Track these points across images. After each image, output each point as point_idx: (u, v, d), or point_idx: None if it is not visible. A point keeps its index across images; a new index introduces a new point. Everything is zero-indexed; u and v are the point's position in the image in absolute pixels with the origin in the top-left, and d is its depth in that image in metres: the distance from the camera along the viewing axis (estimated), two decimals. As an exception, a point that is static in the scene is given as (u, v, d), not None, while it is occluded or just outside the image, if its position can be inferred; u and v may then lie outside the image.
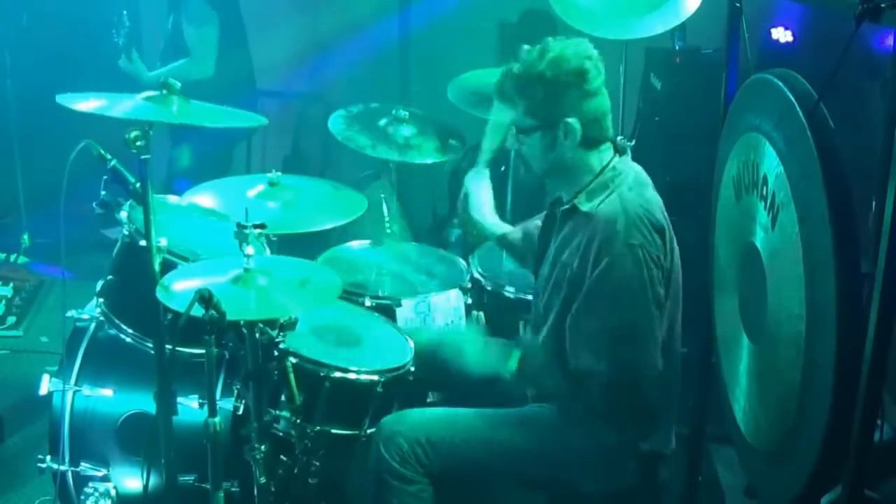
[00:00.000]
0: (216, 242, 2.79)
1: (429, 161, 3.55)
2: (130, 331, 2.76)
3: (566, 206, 2.48)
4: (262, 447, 2.46)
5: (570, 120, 2.38)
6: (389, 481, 2.43)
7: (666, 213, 2.45)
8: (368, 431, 2.65)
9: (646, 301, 2.32)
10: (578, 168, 2.45)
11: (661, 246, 2.37)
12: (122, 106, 2.42)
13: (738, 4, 2.67)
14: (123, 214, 2.73)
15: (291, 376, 2.53)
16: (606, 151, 2.46)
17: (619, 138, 2.57)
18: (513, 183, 3.97)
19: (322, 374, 2.62)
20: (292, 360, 2.57)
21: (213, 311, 2.08)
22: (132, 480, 2.77)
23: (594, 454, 2.42)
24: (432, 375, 2.80)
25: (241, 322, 2.39)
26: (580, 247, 2.38)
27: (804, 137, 2.00)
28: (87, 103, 2.42)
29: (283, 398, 2.59)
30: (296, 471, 2.65)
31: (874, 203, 2.19)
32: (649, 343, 2.34)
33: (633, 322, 2.32)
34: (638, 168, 2.51)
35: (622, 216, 2.35)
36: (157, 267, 2.44)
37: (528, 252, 2.83)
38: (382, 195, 3.53)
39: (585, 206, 2.41)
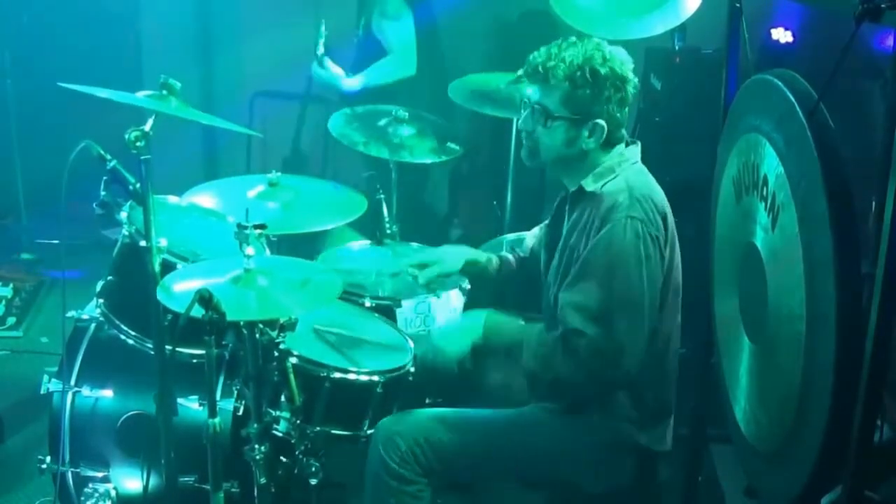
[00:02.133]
0: (216, 243, 2.79)
1: (422, 161, 3.54)
2: (131, 331, 2.75)
3: (573, 191, 2.49)
4: (262, 448, 2.46)
5: (599, 121, 2.40)
6: (388, 481, 2.44)
7: (667, 202, 2.46)
8: (368, 432, 2.65)
9: (640, 276, 2.32)
10: (588, 164, 2.46)
11: (661, 229, 2.38)
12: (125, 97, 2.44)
13: (738, 5, 2.68)
14: (123, 215, 2.73)
15: (291, 377, 2.52)
16: (617, 152, 2.47)
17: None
18: (513, 183, 3.97)
19: (322, 375, 2.62)
20: (292, 360, 2.57)
21: (212, 312, 2.08)
22: (132, 481, 2.77)
23: (591, 453, 2.42)
24: (431, 380, 2.80)
25: (242, 322, 2.39)
26: (586, 226, 2.40)
27: (804, 138, 2.00)
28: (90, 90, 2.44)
29: (283, 399, 2.59)
30: (296, 471, 2.65)
31: (874, 203, 2.19)
32: (638, 319, 2.33)
33: (625, 293, 2.32)
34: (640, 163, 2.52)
35: (626, 192, 2.38)
36: (157, 267, 2.44)
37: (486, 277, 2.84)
38: (382, 195, 3.53)
39: (591, 187, 2.43)
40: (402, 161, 3.55)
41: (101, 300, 2.82)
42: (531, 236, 2.91)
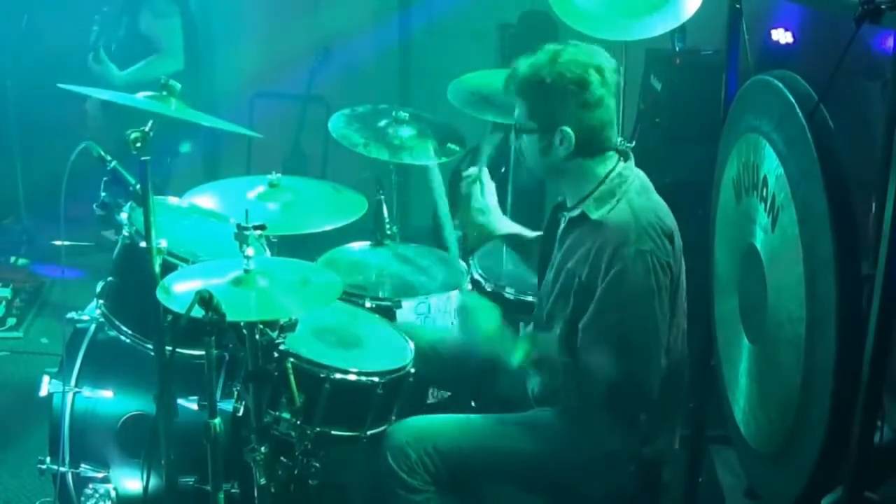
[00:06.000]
0: (216, 244, 2.79)
1: (422, 163, 3.54)
2: (130, 332, 2.75)
3: (573, 215, 2.47)
4: (263, 448, 2.46)
5: (565, 128, 2.37)
6: (396, 491, 2.43)
7: (673, 217, 2.45)
8: (369, 433, 2.65)
9: (653, 310, 2.32)
10: (580, 174, 2.44)
11: (670, 251, 2.37)
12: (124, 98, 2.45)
13: (738, 6, 2.68)
14: (123, 216, 2.73)
15: (291, 378, 2.52)
16: (610, 159, 2.45)
17: (618, 140, 2.56)
18: (513, 183, 3.97)
19: (322, 376, 2.62)
20: (292, 361, 2.57)
21: (212, 313, 2.08)
22: (132, 482, 2.77)
23: (598, 458, 2.42)
24: (433, 373, 2.80)
25: (241, 323, 2.39)
26: (589, 255, 2.37)
27: (804, 138, 2.00)
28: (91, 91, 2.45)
29: (283, 400, 2.59)
30: (296, 472, 2.65)
31: (874, 203, 2.20)
32: (655, 350, 2.34)
33: (639, 331, 2.32)
34: (641, 174, 2.50)
35: (633, 223, 2.34)
36: (157, 268, 2.44)
37: (532, 251, 2.84)
38: (382, 196, 3.53)
39: (595, 215, 2.40)
40: (398, 162, 3.55)
41: (101, 301, 2.82)
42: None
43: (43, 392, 2.79)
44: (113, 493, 2.76)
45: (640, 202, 2.40)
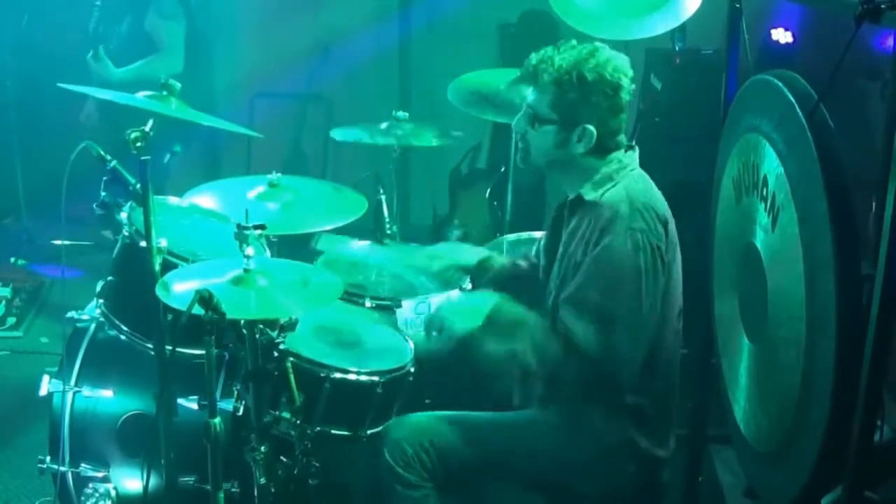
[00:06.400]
0: (216, 243, 2.79)
1: (428, 145, 3.56)
2: (130, 332, 2.75)
3: (572, 198, 2.48)
4: (263, 448, 2.46)
5: (589, 126, 2.38)
6: (394, 486, 2.43)
7: (669, 209, 2.45)
8: (369, 432, 2.65)
9: (638, 289, 2.29)
10: (583, 170, 2.44)
11: (662, 236, 2.36)
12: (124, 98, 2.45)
13: (738, 5, 2.68)
14: (123, 215, 2.73)
15: (291, 377, 2.52)
16: (615, 161, 2.45)
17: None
18: (513, 183, 3.97)
19: (322, 375, 2.62)
20: (292, 360, 2.57)
21: (212, 312, 2.08)
22: (132, 481, 2.77)
23: (596, 456, 2.42)
24: (430, 379, 2.80)
25: (242, 323, 2.39)
26: (585, 235, 2.38)
27: (804, 138, 2.00)
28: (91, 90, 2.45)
29: (283, 399, 2.59)
30: (296, 471, 2.65)
31: (874, 203, 2.20)
32: (635, 332, 2.30)
33: (624, 307, 2.29)
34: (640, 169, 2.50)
35: (626, 202, 2.35)
36: (157, 268, 2.44)
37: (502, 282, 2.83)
38: (382, 195, 3.53)
39: (590, 196, 2.41)
40: (406, 145, 3.57)
41: (101, 300, 2.82)
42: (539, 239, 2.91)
43: (43, 391, 2.79)
44: (113, 493, 2.76)
45: (637, 187, 2.40)
